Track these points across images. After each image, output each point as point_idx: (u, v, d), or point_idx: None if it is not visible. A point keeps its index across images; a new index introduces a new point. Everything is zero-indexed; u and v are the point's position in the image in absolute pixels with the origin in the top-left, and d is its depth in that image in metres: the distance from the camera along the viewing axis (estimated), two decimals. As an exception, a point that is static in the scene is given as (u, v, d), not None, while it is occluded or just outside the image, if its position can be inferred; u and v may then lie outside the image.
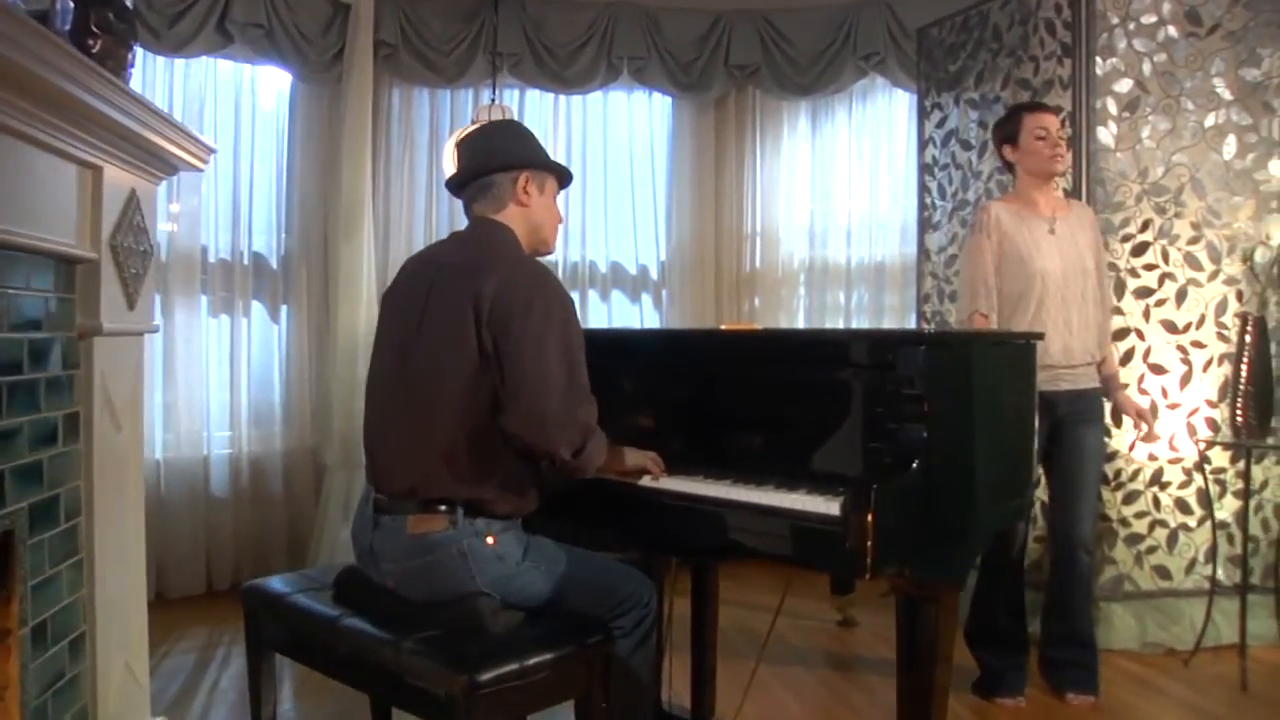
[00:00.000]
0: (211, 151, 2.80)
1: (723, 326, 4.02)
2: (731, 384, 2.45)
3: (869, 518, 1.86)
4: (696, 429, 2.47)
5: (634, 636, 2.17)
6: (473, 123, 4.37)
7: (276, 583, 2.46)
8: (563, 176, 2.36)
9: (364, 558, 2.21)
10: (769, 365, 2.41)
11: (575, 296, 5.23)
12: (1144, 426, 3.36)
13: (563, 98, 5.24)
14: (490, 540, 2.07)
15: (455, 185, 2.30)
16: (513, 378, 2.01)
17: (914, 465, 1.99)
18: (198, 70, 4.55)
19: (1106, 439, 3.54)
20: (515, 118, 5.11)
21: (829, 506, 1.93)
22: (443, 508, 2.06)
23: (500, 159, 2.23)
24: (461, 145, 2.34)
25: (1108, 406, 3.41)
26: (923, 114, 4.62)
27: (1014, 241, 3.15)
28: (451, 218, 5.04)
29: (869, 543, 1.87)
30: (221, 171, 4.64)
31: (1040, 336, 2.64)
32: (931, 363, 2.06)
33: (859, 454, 2.10)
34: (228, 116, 4.66)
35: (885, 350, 2.13)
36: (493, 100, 4.65)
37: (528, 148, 2.29)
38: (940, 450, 2.04)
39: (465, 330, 2.02)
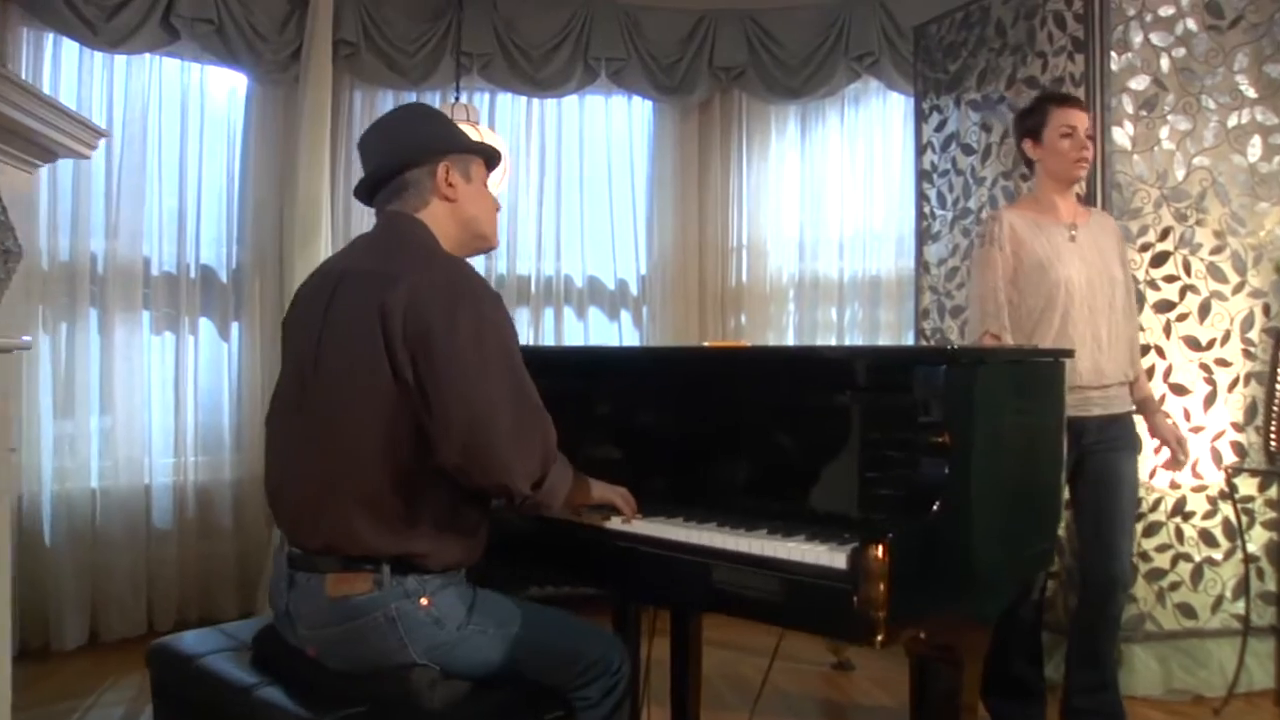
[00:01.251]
0: (100, 135, 2.44)
1: (706, 343, 3.66)
2: (717, 410, 2.12)
3: (882, 570, 1.54)
4: (676, 463, 2.14)
5: (602, 708, 1.84)
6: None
7: (189, 640, 2.12)
8: (490, 158, 2.03)
9: (281, 620, 1.86)
10: (761, 388, 2.08)
11: (549, 314, 4.92)
12: (1181, 457, 3.04)
13: (536, 101, 4.93)
14: (424, 602, 1.73)
15: (365, 193, 1.97)
16: (443, 405, 1.67)
17: (934, 507, 1.66)
18: (140, 69, 4.22)
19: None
20: (484, 121, 4.80)
21: (833, 558, 1.60)
22: (367, 566, 1.72)
23: (411, 151, 1.90)
24: (362, 145, 2.00)
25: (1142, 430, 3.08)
26: (920, 117, 4.32)
27: (1031, 250, 2.84)
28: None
29: (882, 602, 1.54)
30: (166, 178, 4.31)
31: (1070, 354, 2.32)
32: (953, 385, 1.75)
33: (868, 494, 1.79)
34: (173, 119, 4.33)
35: (899, 370, 1.82)
36: (457, 99, 4.31)
37: (441, 131, 1.96)
38: (964, 489, 1.73)
39: (372, 351, 1.68)
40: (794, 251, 4.97)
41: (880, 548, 1.53)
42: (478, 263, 5.01)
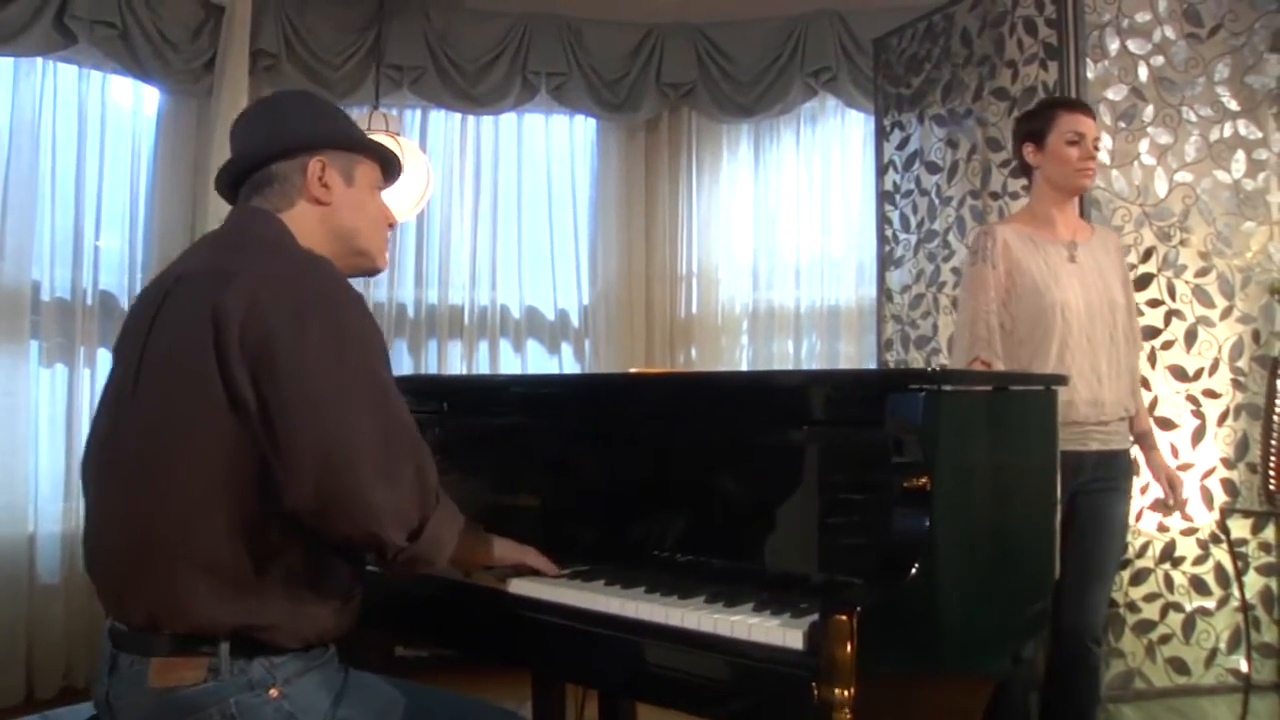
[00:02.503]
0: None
1: (633, 370, 3.25)
2: (647, 449, 1.78)
3: (848, 652, 1.20)
4: (596, 513, 1.79)
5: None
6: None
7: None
8: (386, 162, 1.68)
9: (101, 712, 1.47)
10: (699, 422, 1.73)
11: (483, 348, 4.56)
12: (1171, 502, 2.73)
13: (471, 119, 4.60)
14: (274, 694, 1.36)
15: (226, 186, 1.62)
16: (290, 434, 1.31)
17: (914, 569, 1.32)
18: (31, 74, 3.84)
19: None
20: (415, 139, 4.46)
21: (787, 635, 1.26)
22: (203, 647, 1.34)
23: (279, 141, 1.55)
24: (231, 131, 1.65)
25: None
26: (881, 135, 4.05)
27: (1026, 270, 2.53)
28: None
29: (848, 691, 1.20)
30: (60, 194, 3.90)
31: (1063, 380, 2.00)
32: (934, 415, 1.42)
33: (831, 551, 1.46)
34: (70, 130, 3.94)
35: (866, 398, 1.49)
36: (375, 107, 3.96)
37: (322, 122, 1.61)
38: (949, 544, 1.40)
39: (202, 368, 1.33)
40: (747, 280, 4.64)
41: (846, 622, 1.18)
42: (405, 290, 4.73)
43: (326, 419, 1.31)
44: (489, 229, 4.59)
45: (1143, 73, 3.27)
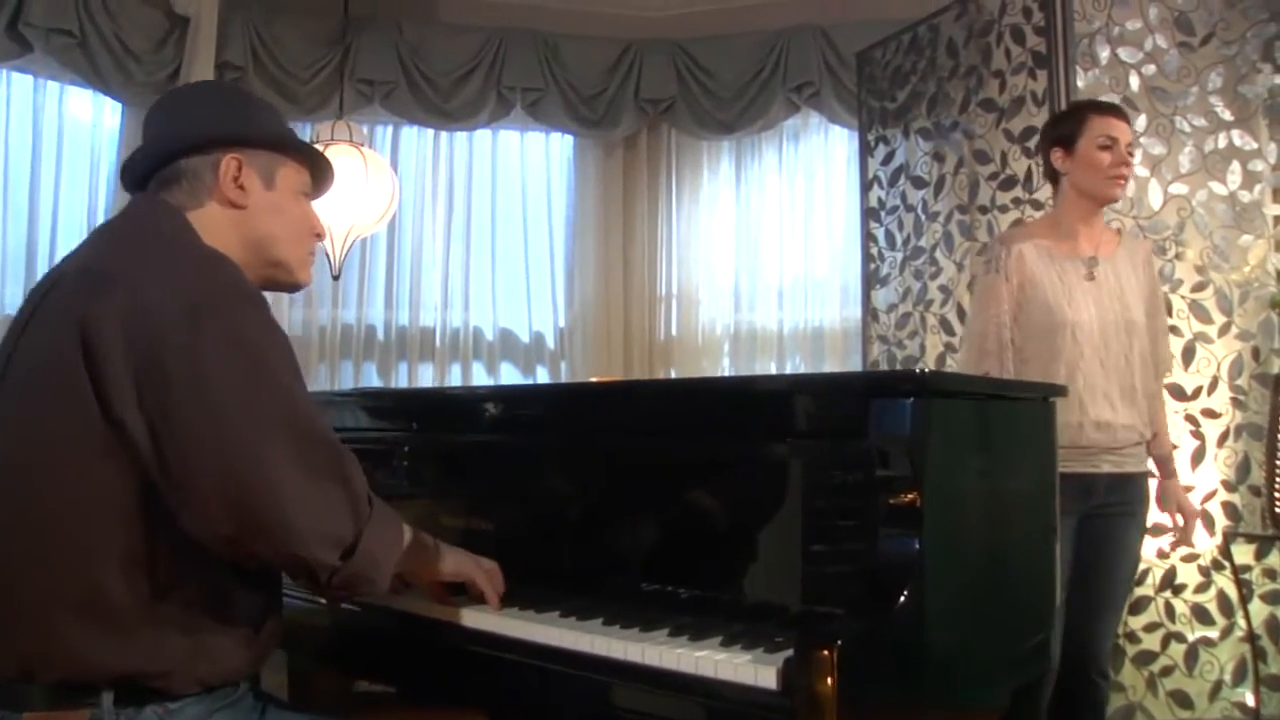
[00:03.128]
0: None
1: (594, 379, 3.09)
2: (608, 465, 1.62)
3: (828, 691, 1.04)
4: (553, 537, 1.63)
5: None
6: (315, 141, 3.56)
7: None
8: (317, 167, 1.52)
9: None
10: (663, 435, 1.57)
11: (455, 371, 4.41)
12: (1185, 532, 2.60)
13: (445, 135, 4.48)
14: (169, 744, 1.19)
15: (132, 182, 1.46)
16: (187, 451, 1.16)
17: (902, 597, 1.17)
18: (-19, 81, 3.71)
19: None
20: (381, 153, 4.33)
21: (759, 673, 1.10)
22: (86, 698, 1.18)
23: (193, 133, 1.40)
24: (145, 119, 1.50)
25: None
26: (865, 150, 3.93)
27: (1039, 286, 2.39)
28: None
29: (829, 734, 1.04)
30: (13, 212, 3.76)
31: (1062, 391, 1.85)
32: (925, 424, 1.28)
33: (810, 578, 1.31)
34: (23, 143, 3.79)
35: (847, 405, 1.35)
36: (340, 117, 3.81)
37: (244, 117, 1.45)
38: (942, 569, 1.25)
39: (71, 384, 1.17)
40: (728, 301, 4.50)
41: (826, 657, 1.03)
42: (375, 311, 4.57)
43: (229, 429, 1.16)
44: (462, 249, 4.46)
45: (1134, 82, 3.16)
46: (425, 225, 4.45)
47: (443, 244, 4.45)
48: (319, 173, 1.53)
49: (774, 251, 4.45)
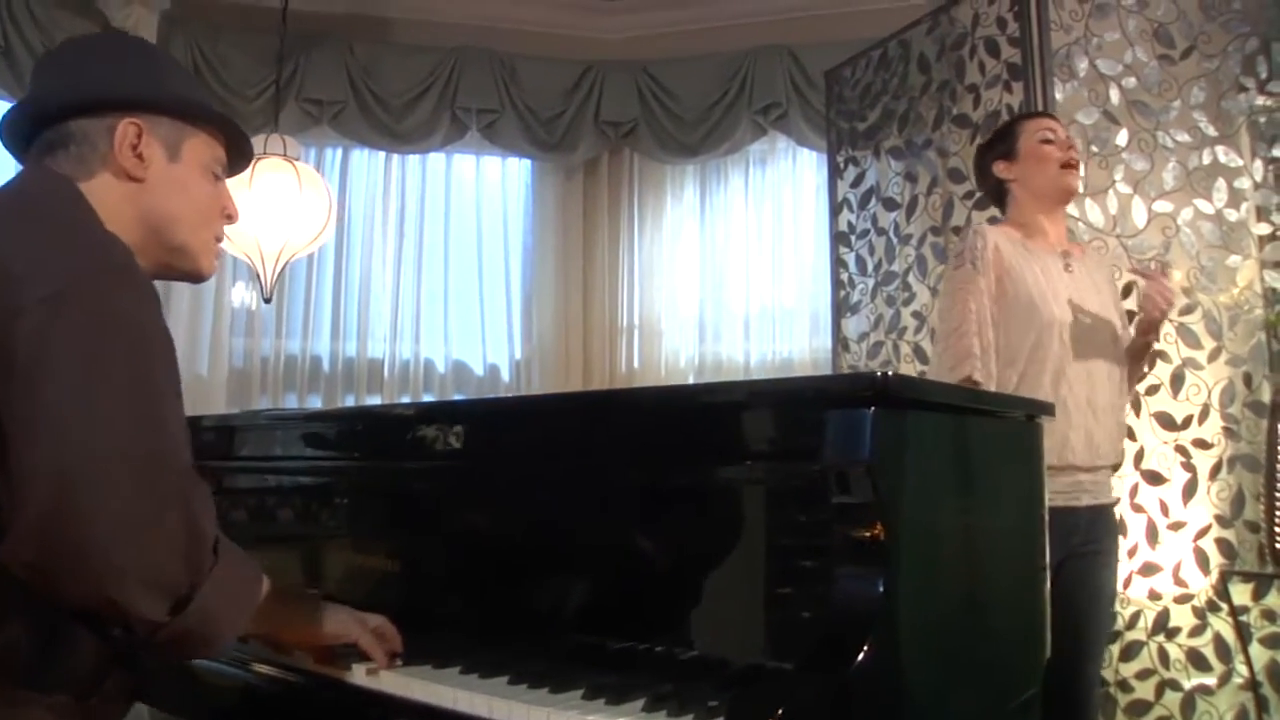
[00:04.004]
0: None
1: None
2: (515, 496, 1.38)
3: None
4: (455, 581, 1.40)
5: None
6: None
7: None
8: (234, 141, 1.31)
9: None
10: (583, 459, 1.33)
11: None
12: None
13: (396, 158, 4.29)
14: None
15: (14, 140, 1.24)
16: (20, 455, 0.94)
17: (863, 650, 0.95)
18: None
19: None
20: (334, 179, 4.13)
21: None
22: None
23: (86, 90, 1.20)
24: (34, 69, 1.30)
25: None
26: (834, 172, 3.77)
27: (1019, 279, 2.16)
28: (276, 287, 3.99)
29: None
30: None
31: (1048, 410, 1.64)
32: (892, 439, 1.07)
33: (753, 629, 1.10)
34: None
35: (797, 419, 1.12)
36: (274, 130, 3.59)
37: (151, 76, 1.24)
38: (913, 616, 1.03)
39: None
40: (693, 332, 4.31)
41: None
42: (320, 342, 4.34)
43: (64, 434, 0.93)
44: (413, 276, 4.26)
45: (1114, 95, 3.01)
46: (375, 252, 4.24)
47: (393, 271, 4.24)
48: (235, 148, 1.32)
49: (740, 280, 4.27)
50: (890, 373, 1.07)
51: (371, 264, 4.22)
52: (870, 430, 1.04)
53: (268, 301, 3.34)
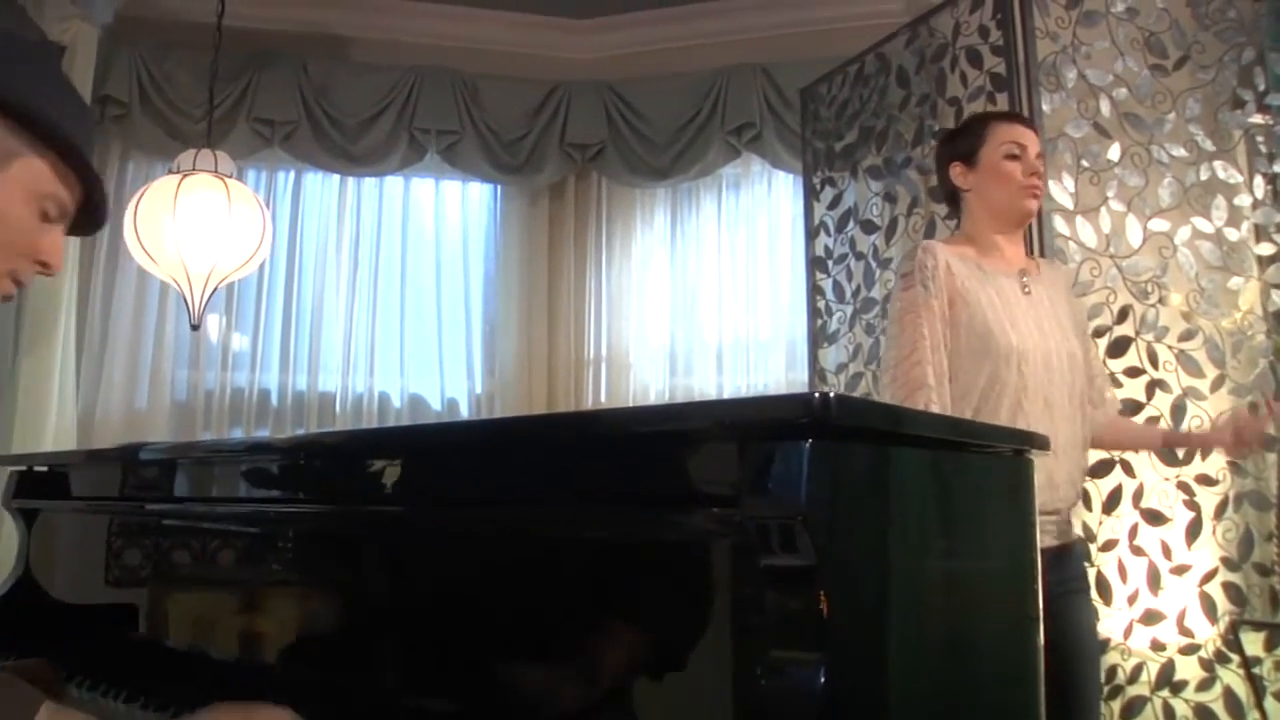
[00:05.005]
0: None
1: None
2: (332, 549, 1.16)
3: None
4: (293, 660, 1.17)
5: None
6: (174, 171, 3.12)
7: None
8: (89, 194, 1.09)
9: None
10: (426, 506, 1.08)
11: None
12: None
13: (351, 182, 4.08)
14: None
15: None
16: None
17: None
18: None
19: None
20: (285, 203, 3.91)
21: None
22: None
23: None
24: None
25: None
26: (810, 194, 3.57)
27: (973, 303, 1.95)
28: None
29: None
30: None
31: (1041, 443, 1.40)
32: (838, 484, 0.84)
33: None
34: None
35: (711, 453, 0.89)
36: (206, 144, 3.36)
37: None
38: (860, 707, 0.79)
39: None
40: (663, 364, 4.07)
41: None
42: (269, 375, 4.10)
43: None
44: (368, 306, 4.03)
45: (1105, 107, 2.82)
46: (328, 279, 4.02)
47: (346, 300, 4.01)
48: (89, 203, 1.09)
49: (713, 309, 4.04)
50: (833, 394, 0.83)
51: (324, 292, 3.99)
52: (807, 470, 0.80)
53: (195, 329, 3.10)
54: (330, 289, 4.02)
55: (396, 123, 3.97)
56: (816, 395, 0.80)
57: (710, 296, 4.05)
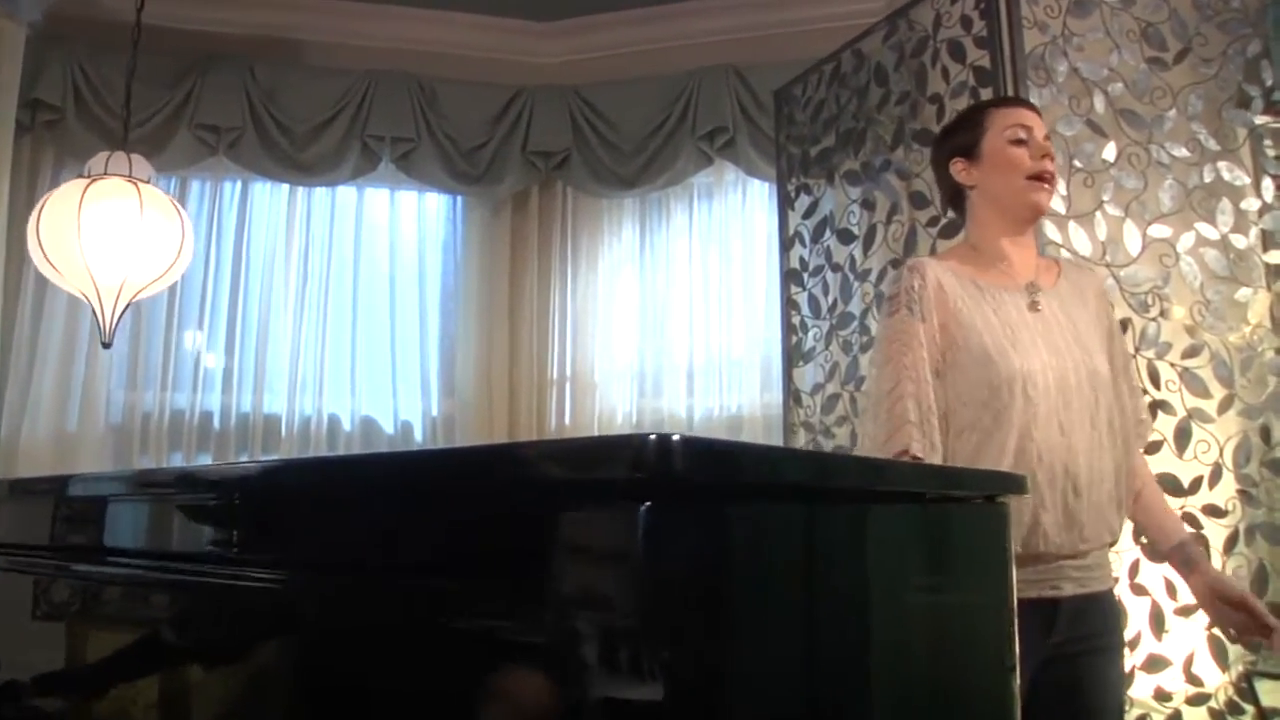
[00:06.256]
0: None
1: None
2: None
3: None
4: None
5: None
6: (84, 175, 2.87)
7: None
8: None
9: None
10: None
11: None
12: (1263, 615, 1.84)
13: (301, 192, 3.85)
14: None
15: None
16: None
17: None
18: None
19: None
20: (231, 214, 3.69)
21: None
22: None
23: None
24: None
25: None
26: (785, 202, 3.34)
27: (969, 326, 1.73)
28: (144, 336, 3.55)
29: None
30: None
31: (1018, 485, 1.15)
32: (697, 568, 0.57)
33: None
34: None
35: (497, 526, 0.62)
36: (122, 147, 3.08)
37: None
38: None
39: None
40: (631, 385, 3.82)
41: None
42: (211, 396, 3.86)
43: None
44: (316, 323, 3.79)
45: (1099, 103, 2.59)
46: (275, 295, 3.78)
47: (295, 317, 3.77)
48: None
49: (683, 326, 3.80)
50: (679, 436, 0.56)
51: (271, 309, 3.75)
52: (642, 546, 0.54)
53: (106, 346, 2.85)
54: (278, 305, 3.78)
55: (348, 130, 3.74)
56: (653, 439, 0.54)
57: (681, 313, 3.80)
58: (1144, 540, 2.31)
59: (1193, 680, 2.37)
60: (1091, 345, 1.80)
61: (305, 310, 3.78)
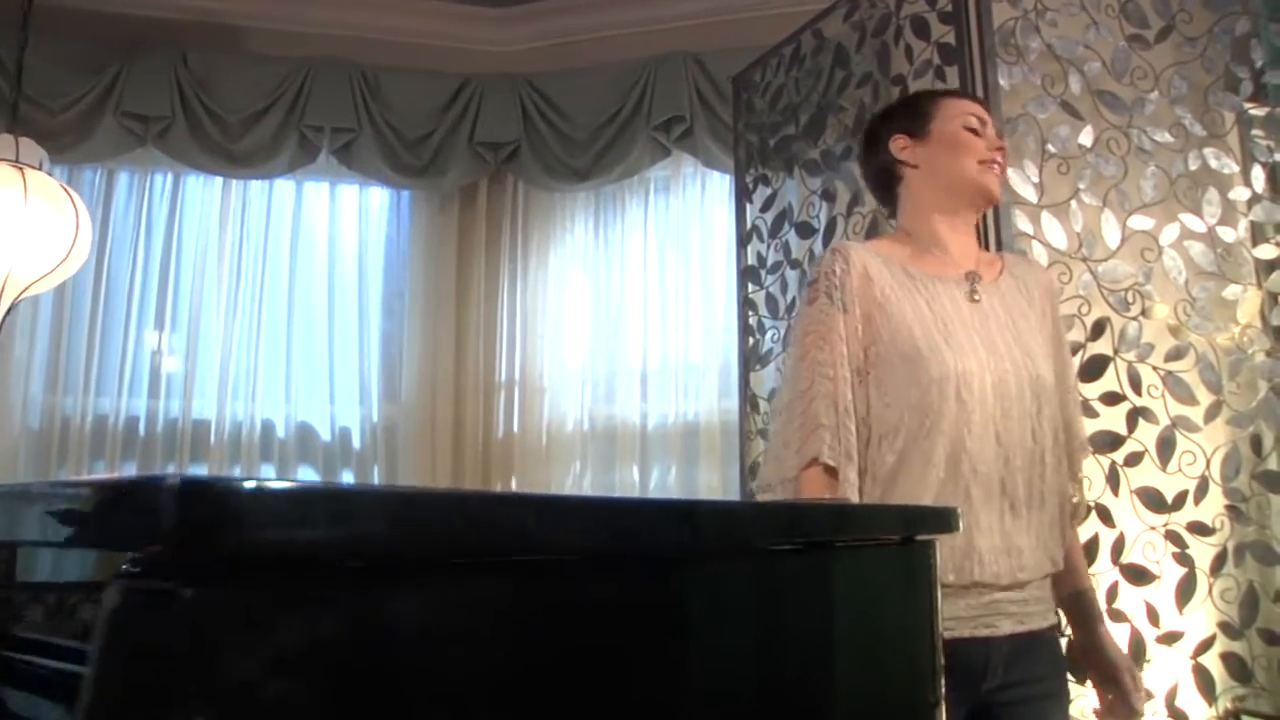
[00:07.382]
0: None
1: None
2: None
3: None
4: None
5: None
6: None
7: None
8: None
9: None
10: None
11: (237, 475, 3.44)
12: (1135, 704, 1.65)
13: (236, 186, 3.63)
14: None
15: None
16: None
17: None
18: None
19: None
20: (163, 208, 3.46)
21: None
22: None
23: None
24: None
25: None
26: (743, 194, 3.13)
27: (895, 315, 1.53)
28: (81, 340, 3.33)
29: None
30: None
31: (946, 523, 0.94)
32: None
33: None
34: None
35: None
36: (10, 129, 2.86)
37: None
38: None
39: None
40: (582, 389, 3.60)
41: None
42: (137, 400, 3.64)
43: None
44: (250, 323, 3.57)
45: (1075, 83, 2.38)
46: (206, 294, 3.56)
47: (227, 317, 3.55)
48: None
49: (638, 327, 3.57)
50: (245, 485, 0.38)
51: (201, 308, 3.53)
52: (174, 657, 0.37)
53: (-10, 344, 2.63)
54: (210, 304, 3.56)
55: (285, 119, 3.52)
56: (179, 483, 0.32)
57: (636, 314, 3.58)
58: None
59: (1176, 715, 2.15)
60: (1035, 348, 1.60)
61: (239, 310, 3.56)
